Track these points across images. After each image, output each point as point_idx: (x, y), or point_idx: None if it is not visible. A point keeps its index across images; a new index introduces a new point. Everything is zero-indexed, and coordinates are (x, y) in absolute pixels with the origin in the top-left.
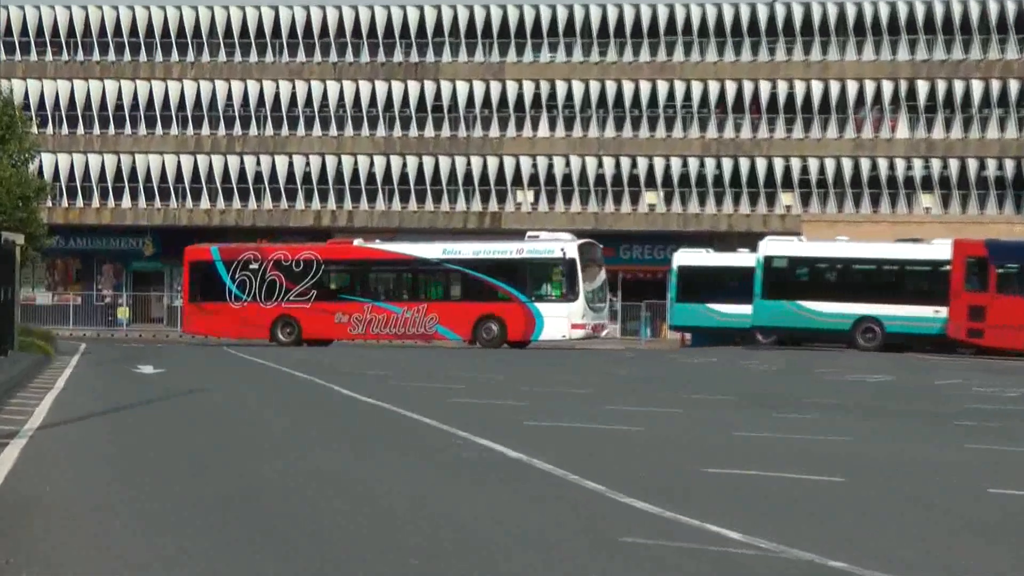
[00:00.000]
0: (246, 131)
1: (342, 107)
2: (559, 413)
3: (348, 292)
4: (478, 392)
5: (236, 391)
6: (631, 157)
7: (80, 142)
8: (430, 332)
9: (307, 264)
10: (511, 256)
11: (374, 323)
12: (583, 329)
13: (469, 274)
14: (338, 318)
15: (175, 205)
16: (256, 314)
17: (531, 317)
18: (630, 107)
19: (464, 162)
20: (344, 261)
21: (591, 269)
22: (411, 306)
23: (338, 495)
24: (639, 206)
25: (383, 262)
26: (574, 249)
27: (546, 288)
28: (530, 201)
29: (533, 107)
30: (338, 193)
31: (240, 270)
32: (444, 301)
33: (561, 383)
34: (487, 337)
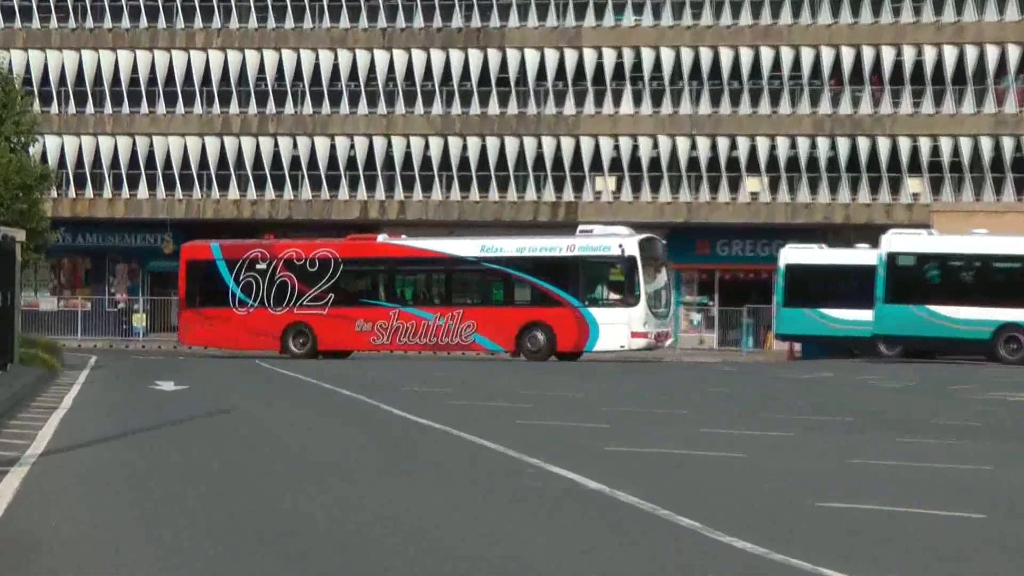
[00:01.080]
0: (281, 109)
1: (392, 80)
2: (646, 437)
3: (371, 296)
4: (550, 412)
5: (271, 411)
6: (730, 137)
7: (89, 123)
8: (466, 342)
9: (323, 263)
10: (561, 254)
11: (401, 332)
12: (644, 338)
13: (512, 275)
14: (359, 326)
15: (199, 196)
16: (264, 321)
17: (584, 324)
18: (728, 79)
19: (534, 144)
20: (366, 260)
21: (653, 268)
22: (444, 312)
23: (392, 535)
24: (739, 195)
25: (412, 261)
26: (634, 245)
27: (602, 291)
28: (611, 189)
29: (615, 79)
30: (388, 181)
31: (245, 270)
32: (483, 306)
33: (647, 402)
34: (532, 348)
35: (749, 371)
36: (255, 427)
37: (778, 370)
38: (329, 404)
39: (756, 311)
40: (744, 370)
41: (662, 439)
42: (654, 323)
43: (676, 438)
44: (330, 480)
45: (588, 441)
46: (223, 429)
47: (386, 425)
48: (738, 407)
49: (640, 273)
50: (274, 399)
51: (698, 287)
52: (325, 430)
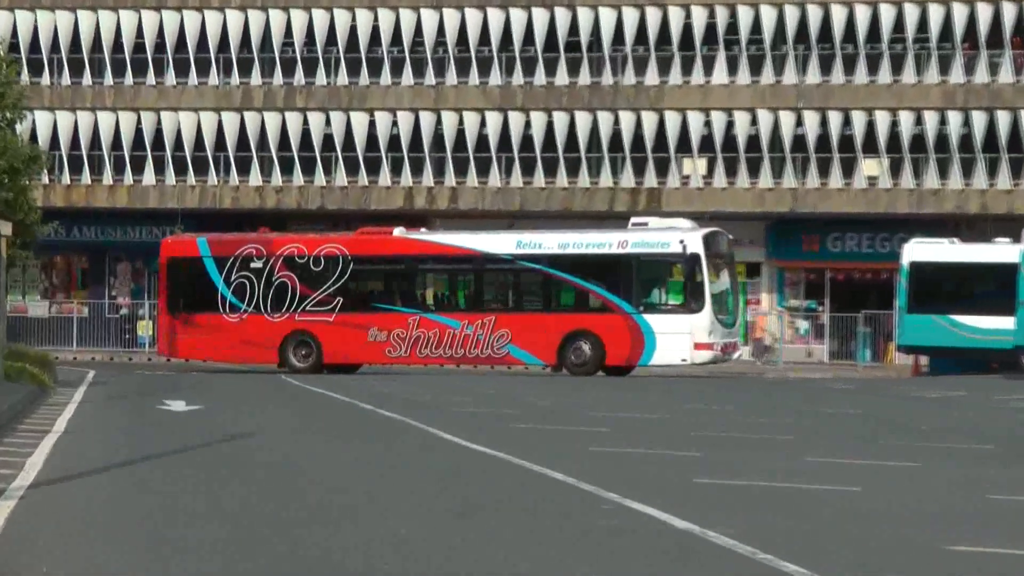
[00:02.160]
0: (311, 79)
1: (442, 45)
2: (744, 467)
3: (386, 300)
4: (629, 437)
5: (301, 437)
6: (842, 111)
7: (87, 95)
8: (499, 354)
9: (330, 261)
10: (611, 251)
11: (422, 342)
12: (710, 350)
13: (553, 275)
14: (372, 335)
15: (215, 182)
16: (260, 329)
17: (638, 334)
18: (841, 41)
19: (610, 120)
20: (381, 258)
21: (719, 268)
22: (473, 319)
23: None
24: (854, 179)
25: (435, 259)
26: (697, 241)
27: (659, 294)
28: (701, 174)
29: (705, 43)
30: (437, 164)
31: (238, 270)
32: (519, 312)
33: (744, 426)
34: (577, 361)
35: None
36: (283, 456)
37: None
38: (369, 428)
39: (874, 318)
40: (860, 388)
41: (762, 470)
42: (720, 332)
43: (778, 469)
44: (374, 522)
45: (674, 472)
46: (244, 458)
47: (436, 453)
48: (852, 432)
49: (705, 274)
50: (304, 421)
51: (805, 289)
52: (366, 459)
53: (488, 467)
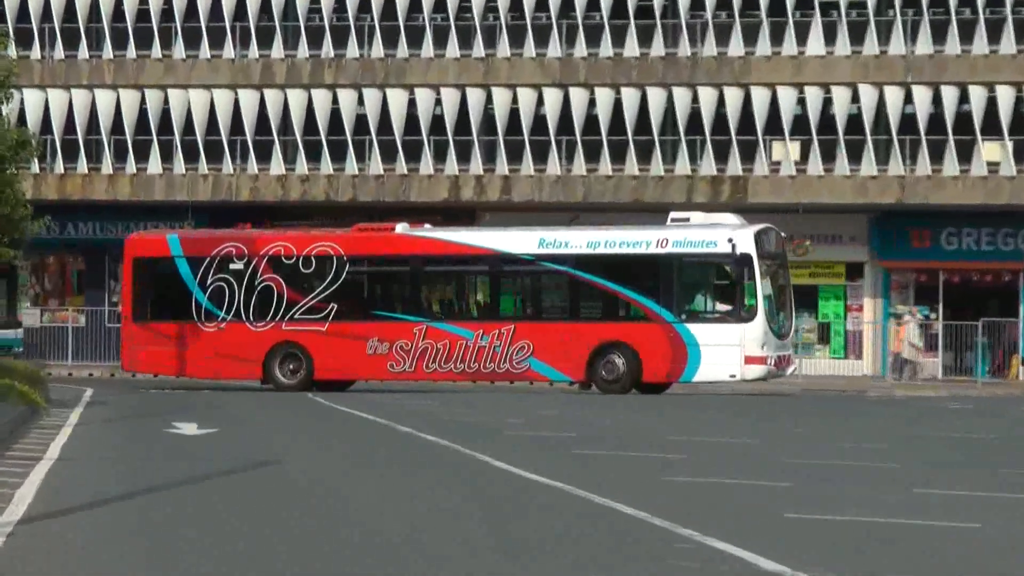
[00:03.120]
0: (342, 52)
1: (493, 11)
2: (842, 500)
3: (388, 307)
4: (707, 465)
5: (330, 464)
6: (958, 86)
7: (83, 71)
8: (519, 369)
9: (322, 262)
10: (648, 251)
11: (429, 355)
12: (763, 365)
13: (581, 279)
14: (372, 347)
15: (230, 170)
16: (241, 340)
17: (680, 346)
18: (956, 6)
19: (688, 97)
20: (381, 258)
21: (772, 270)
22: (489, 328)
23: None
24: (972, 166)
25: (444, 260)
26: (749, 239)
27: (704, 300)
28: (793, 159)
29: (798, 8)
30: (487, 148)
31: (215, 271)
32: (541, 321)
33: (844, 452)
34: (609, 377)
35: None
36: (312, 488)
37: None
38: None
39: (996, 326)
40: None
41: (863, 503)
42: (774, 344)
43: (882, 502)
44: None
45: (762, 505)
46: (267, 491)
47: (486, 484)
48: (970, 459)
49: (758, 277)
50: (335, 447)
51: (915, 293)
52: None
53: (545, 499)
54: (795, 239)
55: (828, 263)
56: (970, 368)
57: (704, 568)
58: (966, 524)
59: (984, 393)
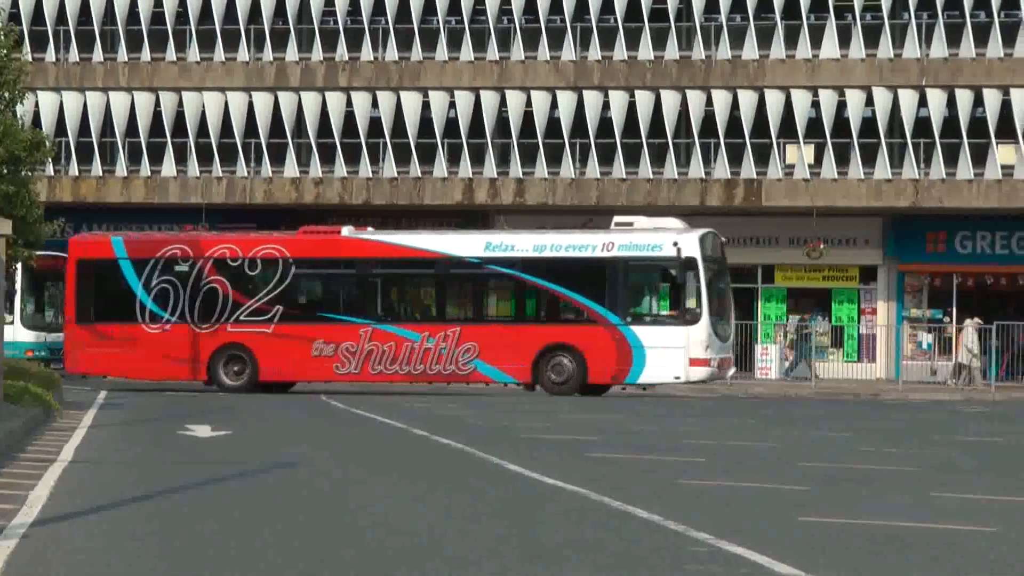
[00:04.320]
0: (356, 54)
1: (507, 15)
2: (857, 503)
3: (334, 309)
4: (727, 469)
5: (346, 467)
6: (973, 89)
7: (98, 73)
8: (465, 371)
9: (268, 265)
10: (594, 254)
11: (375, 357)
12: (706, 367)
13: (527, 281)
14: (317, 349)
15: (244, 173)
16: (185, 342)
17: (625, 348)
18: (971, 9)
19: (702, 100)
20: (327, 260)
21: (715, 274)
22: (435, 330)
23: None
24: (987, 169)
25: (391, 263)
26: (693, 243)
27: (649, 303)
28: (808, 162)
29: (812, 11)
30: (501, 152)
31: (160, 273)
32: (488, 323)
33: (861, 455)
34: (558, 379)
35: (1002, 413)
36: (329, 491)
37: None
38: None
39: (1010, 330)
40: (995, 411)
41: (879, 507)
42: (718, 347)
43: (899, 506)
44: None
45: (777, 509)
46: (283, 494)
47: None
48: (987, 463)
49: (703, 280)
50: (350, 450)
51: (928, 297)
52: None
53: (560, 502)
54: (809, 242)
55: (842, 266)
56: (984, 372)
57: (717, 571)
58: (981, 528)
59: (1001, 397)
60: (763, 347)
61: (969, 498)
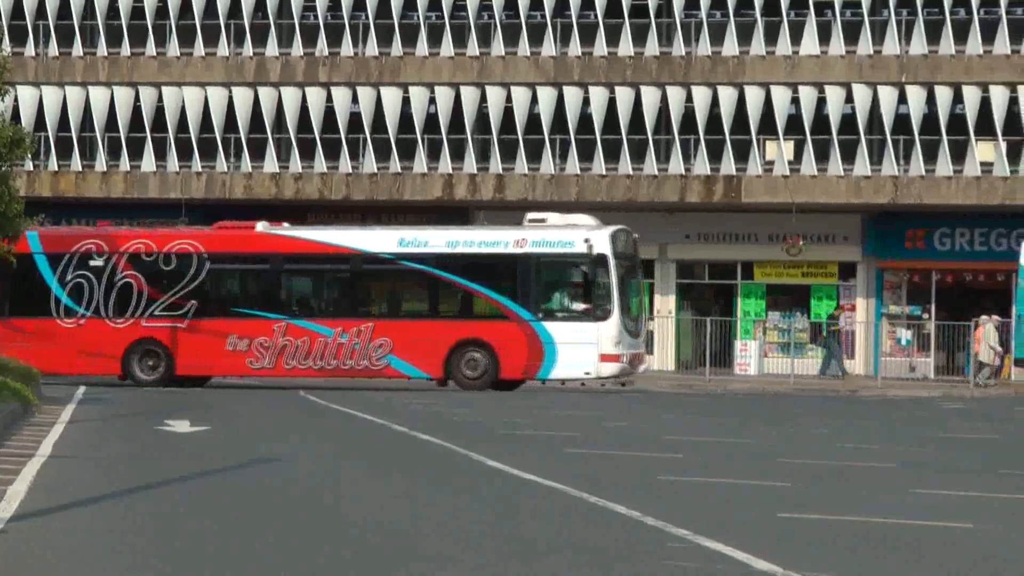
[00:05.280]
0: (336, 50)
1: (487, 10)
2: (836, 500)
3: (248, 304)
4: (705, 465)
5: (327, 463)
6: (952, 86)
7: (78, 68)
8: (378, 365)
9: (182, 260)
10: (506, 251)
11: (289, 351)
12: (617, 362)
13: (441, 278)
14: (231, 343)
15: (224, 168)
16: (100, 336)
17: (537, 343)
18: (951, 6)
19: (682, 96)
20: (241, 256)
21: (627, 271)
22: (349, 326)
23: None
24: (966, 166)
25: (305, 258)
26: (604, 239)
27: (560, 299)
28: (787, 159)
29: (793, 8)
30: (481, 147)
31: (74, 268)
32: (400, 318)
33: (840, 452)
34: (471, 374)
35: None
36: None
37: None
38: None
39: None
40: (973, 407)
41: (858, 503)
42: (628, 343)
43: (877, 502)
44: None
45: (756, 505)
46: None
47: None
48: (964, 459)
49: (613, 277)
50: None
51: (907, 293)
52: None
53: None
54: (789, 238)
55: (821, 263)
56: (962, 368)
57: (696, 567)
58: (959, 524)
59: (978, 394)
60: (742, 343)
61: (946, 494)
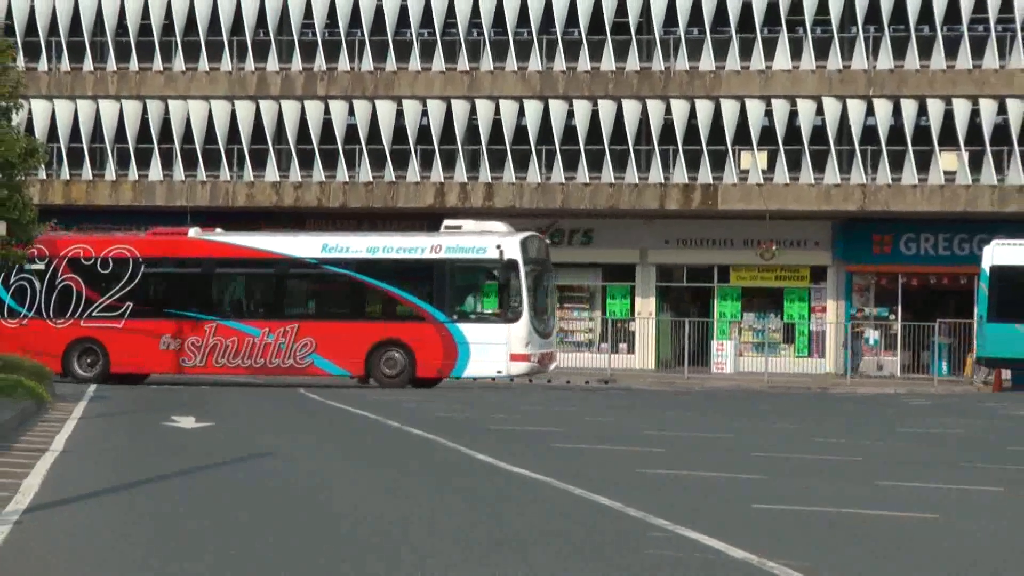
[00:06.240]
0: (333, 64)
1: (477, 27)
2: (807, 491)
3: (181, 306)
4: (683, 458)
5: (321, 457)
6: (917, 99)
7: (88, 82)
8: (302, 364)
9: (119, 264)
10: (423, 256)
11: (219, 351)
12: (527, 361)
13: (362, 281)
14: (165, 343)
15: (228, 177)
16: (41, 336)
17: (451, 343)
18: (916, 22)
19: (661, 109)
20: (174, 260)
21: (537, 275)
22: (275, 326)
23: None
24: (930, 175)
25: (234, 262)
26: (515, 246)
27: (473, 302)
28: (761, 168)
29: (766, 25)
30: (471, 158)
31: (18, 271)
32: (324, 320)
33: (812, 446)
34: (390, 372)
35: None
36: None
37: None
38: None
39: (953, 327)
40: (938, 404)
41: (828, 494)
42: (538, 343)
43: (847, 494)
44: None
45: (732, 497)
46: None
47: (472, 477)
48: (929, 453)
49: (523, 281)
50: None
51: (875, 296)
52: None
53: (530, 492)
54: (762, 243)
55: (793, 267)
56: (927, 367)
57: (675, 555)
58: (925, 515)
59: (942, 391)
60: (719, 343)
61: (913, 486)
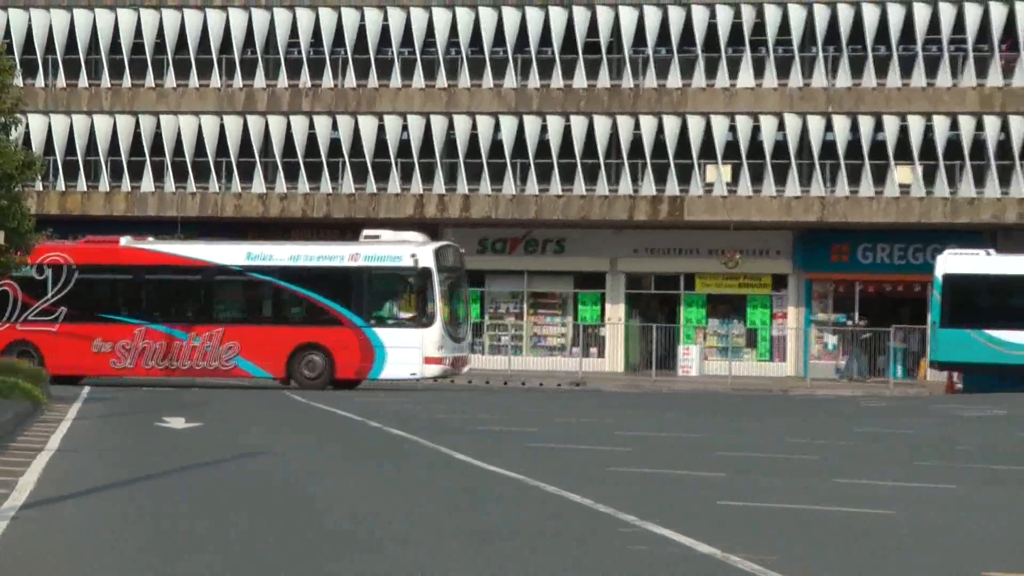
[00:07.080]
0: (318, 81)
1: (455, 46)
2: (770, 489)
3: (112, 310)
4: (652, 457)
5: (307, 455)
6: (874, 116)
7: (83, 98)
8: (227, 366)
9: (54, 271)
10: (342, 264)
11: (148, 353)
12: (440, 364)
13: (284, 288)
14: (96, 346)
15: (216, 188)
16: None
17: (368, 347)
18: (873, 43)
19: (630, 125)
20: (106, 267)
21: (452, 282)
22: (201, 330)
23: None
24: (886, 188)
25: (162, 269)
26: (429, 255)
27: (390, 308)
28: (725, 181)
29: (730, 44)
30: (449, 170)
31: None
32: (248, 324)
33: (773, 446)
34: (310, 374)
35: (899, 407)
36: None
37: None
38: (379, 447)
39: (907, 333)
40: (892, 406)
41: (789, 491)
42: (451, 347)
43: (807, 491)
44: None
45: (697, 494)
46: (250, 479)
47: (450, 475)
48: (885, 452)
49: (436, 288)
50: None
51: (833, 302)
52: (379, 481)
53: (503, 488)
54: (726, 252)
55: (756, 275)
56: (883, 370)
57: (643, 550)
58: (881, 511)
59: (897, 393)
60: (685, 348)
61: (869, 484)
